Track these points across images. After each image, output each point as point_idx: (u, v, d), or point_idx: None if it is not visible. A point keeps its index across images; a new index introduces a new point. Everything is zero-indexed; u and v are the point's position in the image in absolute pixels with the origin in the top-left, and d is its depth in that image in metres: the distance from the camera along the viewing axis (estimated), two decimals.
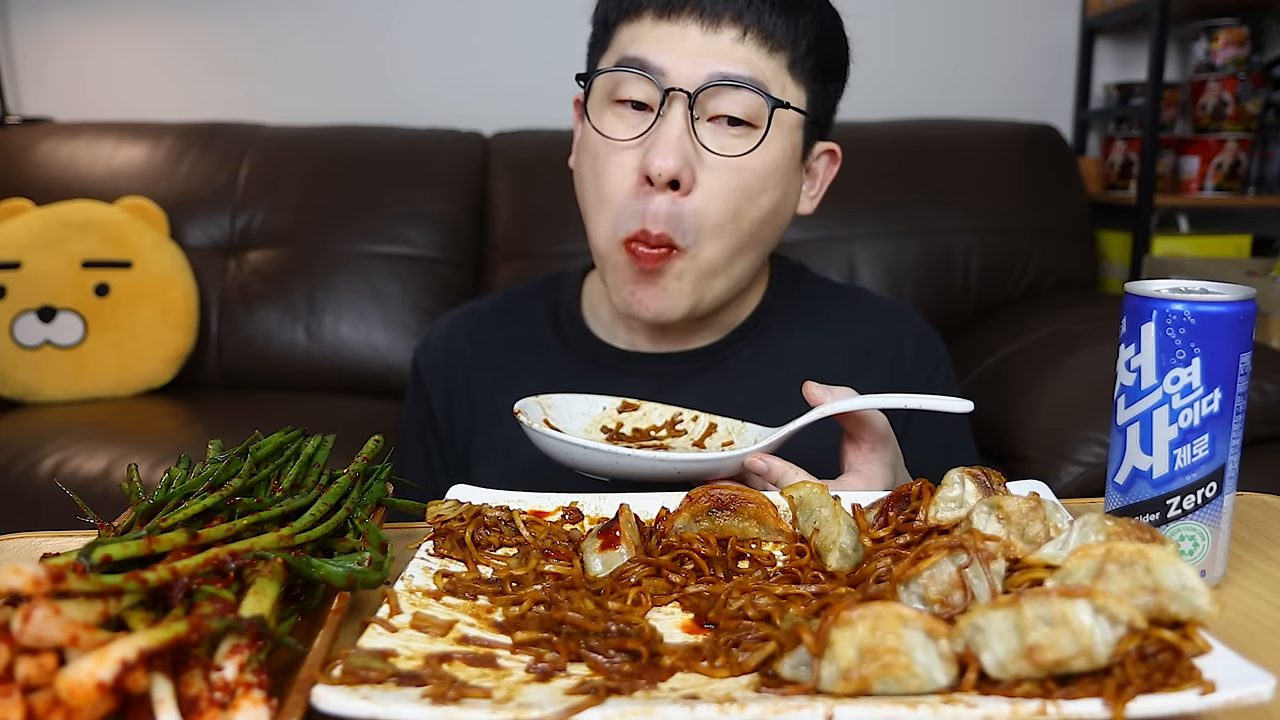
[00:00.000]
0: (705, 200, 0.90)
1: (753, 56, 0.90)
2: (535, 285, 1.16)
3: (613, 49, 0.95)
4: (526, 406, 0.83)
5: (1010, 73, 2.70)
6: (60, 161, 2.33)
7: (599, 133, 0.93)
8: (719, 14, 0.89)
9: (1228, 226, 2.72)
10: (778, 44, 0.91)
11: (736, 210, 0.92)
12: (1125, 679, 0.44)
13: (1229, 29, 2.53)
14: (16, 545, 0.73)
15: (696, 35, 0.90)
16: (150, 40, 2.67)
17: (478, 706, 0.44)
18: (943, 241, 2.27)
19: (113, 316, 2.14)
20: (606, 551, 0.62)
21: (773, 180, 0.93)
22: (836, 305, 1.11)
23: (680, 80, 0.89)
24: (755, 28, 0.90)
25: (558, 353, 1.08)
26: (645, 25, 0.92)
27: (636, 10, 0.93)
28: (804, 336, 1.07)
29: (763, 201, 0.94)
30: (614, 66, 0.92)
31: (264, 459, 0.68)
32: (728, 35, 0.90)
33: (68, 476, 1.71)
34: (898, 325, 1.10)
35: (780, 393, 1.03)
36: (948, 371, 1.09)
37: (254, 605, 0.48)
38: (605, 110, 0.94)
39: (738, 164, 0.90)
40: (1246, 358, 0.62)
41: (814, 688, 0.46)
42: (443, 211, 2.33)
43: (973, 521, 0.58)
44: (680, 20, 0.90)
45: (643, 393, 1.02)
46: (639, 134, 0.91)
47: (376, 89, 2.69)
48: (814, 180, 1.04)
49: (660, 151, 0.88)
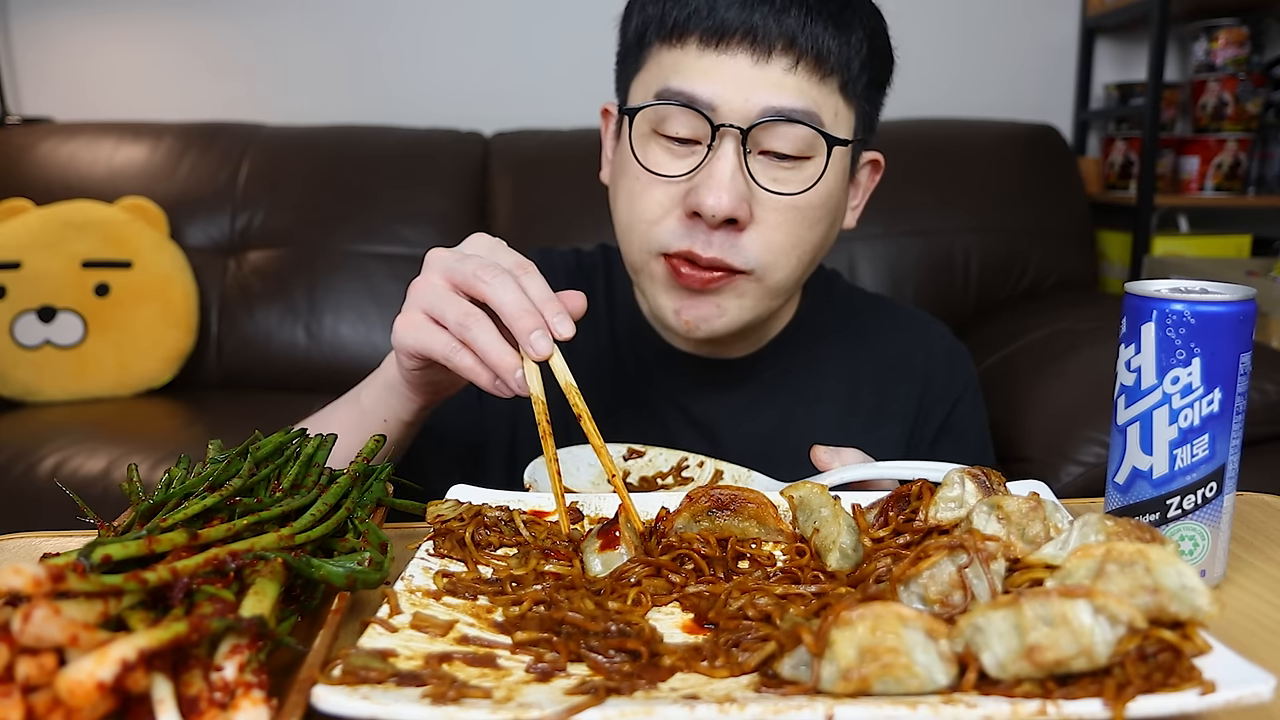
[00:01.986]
0: (764, 233, 0.87)
1: (805, 86, 0.85)
2: (596, 252, 1.14)
3: (651, 71, 0.90)
4: (536, 470, 0.81)
5: (1010, 73, 2.70)
6: (60, 161, 2.33)
7: (643, 166, 0.88)
8: (770, 42, 0.84)
9: (1228, 226, 2.72)
10: (830, 69, 0.86)
11: (797, 240, 0.89)
12: (1125, 679, 0.44)
13: (1229, 29, 2.53)
14: (16, 545, 0.73)
15: (746, 66, 0.84)
16: (150, 40, 2.67)
17: (478, 706, 0.44)
18: (943, 241, 2.27)
19: (113, 316, 2.14)
20: (606, 552, 0.62)
21: (826, 208, 0.91)
22: (869, 317, 1.10)
23: (731, 116, 0.84)
24: (808, 55, 0.84)
25: (605, 330, 1.07)
26: (690, 53, 0.86)
27: (680, 35, 0.86)
28: (836, 349, 1.07)
29: (819, 229, 0.91)
30: (659, 100, 0.87)
31: (264, 459, 0.68)
32: (779, 65, 0.84)
33: (68, 476, 1.71)
34: (929, 341, 1.09)
35: (812, 406, 1.04)
36: (975, 391, 1.09)
37: (254, 605, 0.48)
38: (649, 141, 0.89)
39: (793, 200, 0.87)
40: (1246, 358, 0.62)
41: (814, 688, 0.46)
42: (443, 211, 2.33)
43: (973, 521, 0.58)
44: (729, 50, 0.84)
45: (676, 390, 1.03)
46: (686, 172, 0.87)
47: (376, 89, 2.69)
48: (856, 190, 1.01)
49: (713, 190, 0.84)
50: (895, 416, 1.04)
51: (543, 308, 0.70)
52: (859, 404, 1.04)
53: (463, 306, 0.71)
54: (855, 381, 1.05)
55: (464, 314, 0.70)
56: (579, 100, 2.60)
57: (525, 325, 0.69)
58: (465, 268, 0.71)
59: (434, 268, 0.73)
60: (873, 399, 1.05)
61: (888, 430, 1.04)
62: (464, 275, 0.71)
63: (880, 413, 1.04)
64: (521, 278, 0.71)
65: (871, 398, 1.05)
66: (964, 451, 1.03)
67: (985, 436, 1.10)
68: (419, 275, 0.73)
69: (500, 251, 0.73)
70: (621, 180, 0.93)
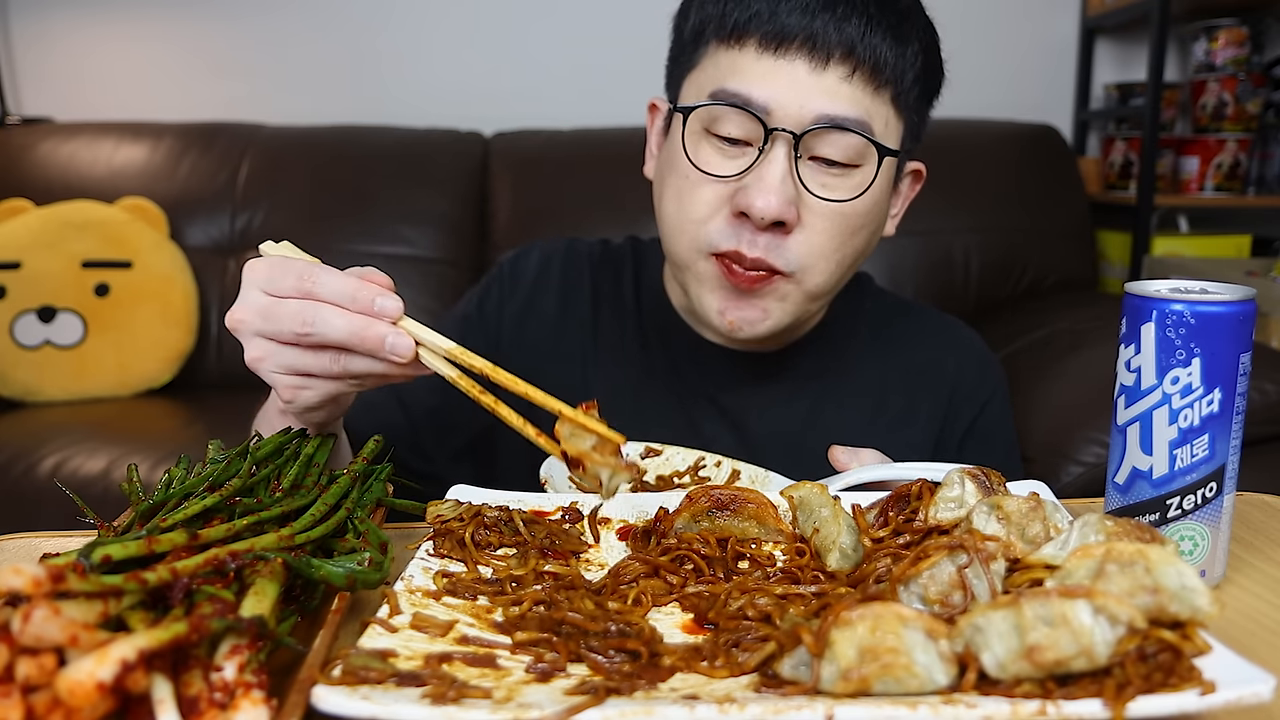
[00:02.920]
0: (809, 237, 0.88)
1: (859, 95, 0.86)
2: (625, 244, 1.14)
3: (706, 70, 0.90)
4: (551, 466, 0.81)
5: (1010, 73, 2.70)
6: (60, 161, 2.33)
7: (694, 164, 0.89)
8: (829, 49, 0.84)
9: (1228, 226, 2.72)
10: (885, 80, 0.87)
11: (839, 245, 0.90)
12: (1125, 679, 0.44)
13: (1229, 29, 2.53)
14: (16, 545, 0.73)
15: (804, 72, 0.85)
16: (150, 40, 2.67)
17: (478, 706, 0.44)
18: (943, 241, 2.27)
19: (113, 316, 2.14)
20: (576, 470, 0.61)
21: (870, 217, 0.92)
22: (901, 321, 1.11)
23: (786, 120, 0.85)
24: (865, 64, 0.85)
25: (634, 321, 1.07)
26: (749, 56, 0.86)
27: (739, 36, 0.87)
28: (867, 350, 1.07)
29: (861, 236, 0.92)
30: (714, 100, 0.88)
31: (264, 459, 0.68)
32: (835, 73, 0.85)
33: (68, 476, 1.71)
34: (959, 347, 1.09)
35: (840, 404, 1.04)
36: (1004, 398, 1.09)
37: (254, 605, 0.48)
38: (700, 140, 0.90)
39: (840, 207, 0.88)
40: (1246, 358, 0.62)
41: (814, 688, 0.46)
42: (443, 211, 2.33)
43: (973, 521, 0.58)
44: (788, 55, 0.85)
45: (705, 382, 1.03)
46: (737, 172, 0.87)
47: (376, 89, 2.69)
48: (897, 199, 1.01)
49: (763, 192, 0.85)
50: (922, 419, 1.05)
51: (359, 308, 0.65)
52: (887, 405, 1.05)
53: (321, 358, 0.67)
54: (884, 383, 1.06)
55: (329, 362, 0.67)
56: (579, 100, 2.61)
57: (371, 344, 0.65)
58: (283, 324, 0.66)
59: (253, 330, 0.68)
60: (901, 401, 1.05)
61: (914, 432, 1.04)
62: (289, 330, 0.66)
63: (907, 415, 1.05)
64: (320, 292, 0.66)
65: (899, 399, 1.05)
66: (990, 456, 1.03)
67: (1012, 443, 1.10)
68: (245, 348, 0.69)
69: (281, 275, 0.67)
70: (670, 177, 0.93)
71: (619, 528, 0.69)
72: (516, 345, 1.07)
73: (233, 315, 0.69)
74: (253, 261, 0.69)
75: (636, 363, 1.06)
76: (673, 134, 0.92)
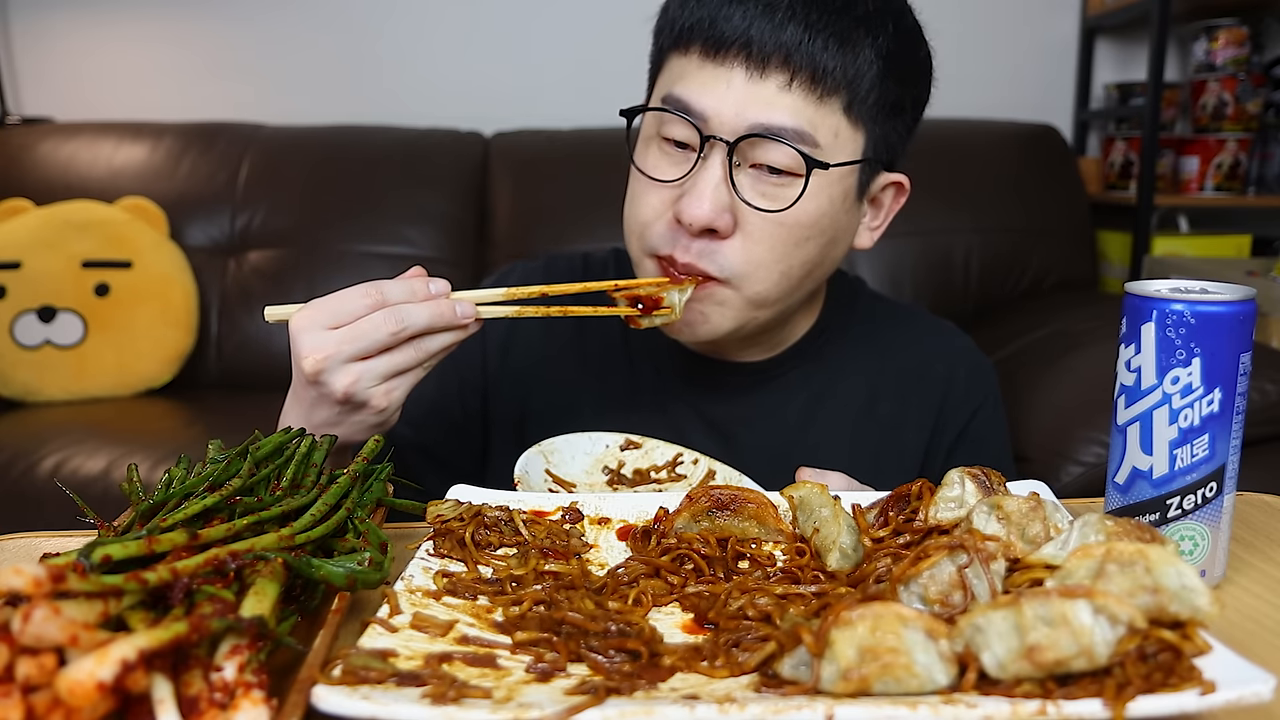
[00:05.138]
0: (747, 245, 0.87)
1: (799, 105, 0.84)
2: (608, 255, 1.14)
3: (664, 75, 0.92)
4: (529, 461, 0.82)
5: (1010, 73, 2.70)
6: (60, 161, 2.33)
7: (639, 169, 0.91)
8: (766, 57, 0.84)
9: (1228, 226, 2.72)
10: (830, 89, 0.85)
11: (780, 255, 0.89)
12: (1125, 679, 0.44)
13: (1229, 29, 2.53)
14: (16, 545, 0.73)
15: (741, 81, 0.85)
16: (150, 40, 2.67)
17: (478, 706, 0.44)
18: (943, 241, 2.27)
19: (113, 316, 2.14)
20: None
21: (818, 228, 0.89)
22: (891, 326, 1.10)
23: (720, 129, 0.85)
24: (804, 72, 0.84)
25: (618, 332, 1.06)
26: (692, 62, 0.87)
27: (685, 44, 0.88)
28: (858, 357, 1.06)
29: (808, 248, 0.90)
30: (656, 106, 0.90)
31: (264, 459, 0.68)
32: (774, 82, 0.84)
33: (68, 476, 1.71)
34: (952, 353, 1.08)
35: (830, 413, 1.03)
36: (995, 404, 1.08)
37: (254, 605, 0.48)
38: (650, 144, 0.91)
39: (777, 216, 0.87)
40: (1246, 358, 0.62)
41: (814, 688, 0.46)
42: (443, 211, 2.33)
43: (973, 521, 0.58)
44: (726, 62, 0.85)
45: (691, 393, 1.02)
46: (678, 177, 0.88)
47: (376, 89, 2.69)
48: (878, 211, 0.99)
49: (694, 200, 0.85)
50: (914, 425, 1.04)
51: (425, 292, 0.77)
52: (877, 412, 1.04)
53: (406, 350, 0.77)
54: (874, 389, 1.05)
55: (414, 350, 0.77)
56: (579, 100, 2.61)
57: (448, 317, 0.77)
58: (375, 337, 0.75)
59: (342, 359, 0.76)
60: (891, 407, 1.04)
61: (906, 438, 1.03)
62: (382, 340, 0.76)
63: (899, 421, 1.04)
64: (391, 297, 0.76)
65: (890, 406, 1.04)
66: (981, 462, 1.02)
67: (1005, 449, 1.09)
68: (334, 384, 0.77)
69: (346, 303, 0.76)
70: (630, 179, 0.94)
71: (619, 528, 0.69)
72: (504, 369, 1.07)
73: (313, 359, 0.76)
74: (296, 316, 0.78)
75: (623, 376, 1.05)
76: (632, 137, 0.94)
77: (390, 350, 0.76)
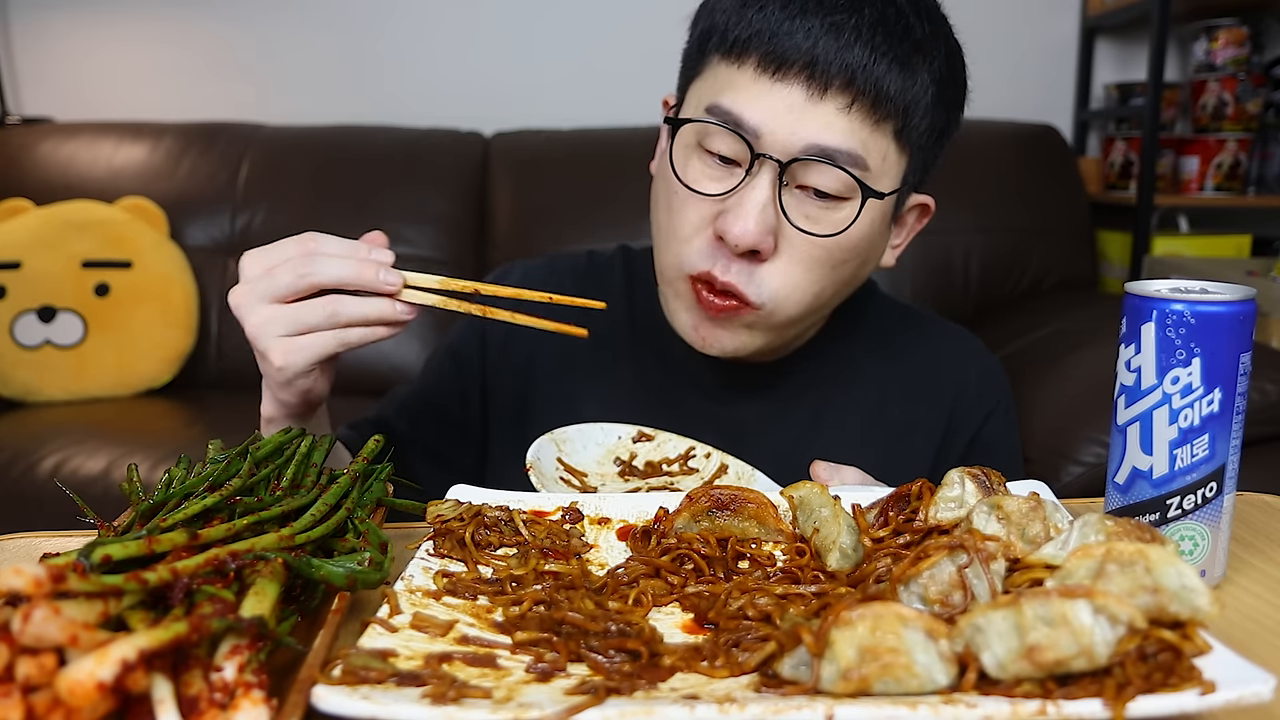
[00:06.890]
0: (785, 268, 0.86)
1: (855, 127, 0.82)
2: (616, 254, 1.12)
3: (707, 81, 0.88)
4: (540, 449, 0.82)
5: (1010, 73, 2.70)
6: (60, 161, 2.33)
7: (680, 180, 0.87)
8: (829, 77, 0.80)
9: (1228, 226, 2.72)
10: (887, 113, 0.83)
11: (817, 278, 0.88)
12: (1125, 679, 0.44)
13: (1229, 29, 2.53)
14: (16, 545, 0.73)
15: (800, 99, 0.81)
16: (150, 40, 2.67)
17: (478, 706, 0.44)
18: (943, 241, 2.27)
19: (113, 316, 2.14)
20: None
21: (856, 251, 0.88)
22: (902, 329, 1.09)
23: (774, 147, 0.82)
24: (867, 96, 0.81)
25: (627, 330, 1.06)
26: (746, 74, 0.83)
27: (739, 53, 0.84)
28: (867, 360, 1.05)
29: (844, 271, 0.89)
30: (705, 117, 0.85)
31: (264, 459, 0.68)
32: (834, 104, 0.81)
33: (68, 476, 1.71)
34: (963, 356, 1.07)
35: (839, 414, 1.03)
36: (1007, 408, 1.07)
37: (254, 605, 0.48)
38: (691, 154, 0.87)
39: (822, 241, 0.85)
40: (1246, 358, 0.62)
41: (814, 688, 0.46)
42: (443, 211, 2.33)
43: (973, 521, 0.58)
44: (786, 79, 0.81)
45: (701, 393, 1.02)
46: (722, 192, 0.85)
47: (376, 89, 2.69)
48: (900, 231, 0.98)
49: (740, 219, 0.82)
50: (924, 429, 1.03)
51: (358, 254, 0.75)
52: (887, 415, 1.03)
53: (315, 305, 0.74)
54: (884, 393, 1.04)
55: (322, 308, 0.73)
56: (579, 100, 2.61)
57: (368, 278, 0.73)
58: (281, 278, 0.73)
59: (256, 296, 0.74)
60: (901, 411, 1.03)
61: (916, 443, 1.03)
62: (288, 283, 0.73)
63: (909, 425, 1.03)
64: (320, 249, 0.74)
65: (900, 409, 1.03)
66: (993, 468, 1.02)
67: (1016, 454, 1.08)
68: (245, 321, 0.75)
69: (279, 248, 0.75)
70: (661, 185, 0.92)
71: (619, 528, 0.69)
72: (506, 370, 1.06)
73: (234, 294, 0.75)
74: (248, 251, 0.76)
75: (629, 378, 1.04)
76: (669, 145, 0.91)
77: (304, 301, 0.73)
